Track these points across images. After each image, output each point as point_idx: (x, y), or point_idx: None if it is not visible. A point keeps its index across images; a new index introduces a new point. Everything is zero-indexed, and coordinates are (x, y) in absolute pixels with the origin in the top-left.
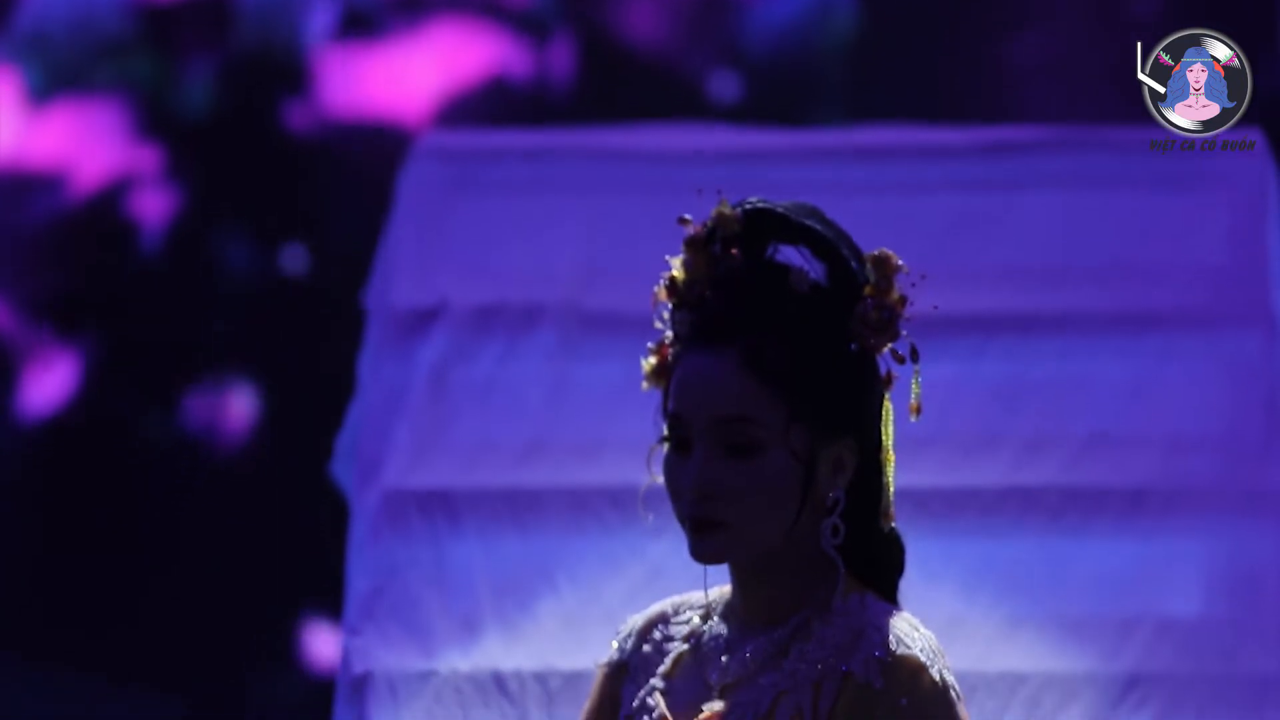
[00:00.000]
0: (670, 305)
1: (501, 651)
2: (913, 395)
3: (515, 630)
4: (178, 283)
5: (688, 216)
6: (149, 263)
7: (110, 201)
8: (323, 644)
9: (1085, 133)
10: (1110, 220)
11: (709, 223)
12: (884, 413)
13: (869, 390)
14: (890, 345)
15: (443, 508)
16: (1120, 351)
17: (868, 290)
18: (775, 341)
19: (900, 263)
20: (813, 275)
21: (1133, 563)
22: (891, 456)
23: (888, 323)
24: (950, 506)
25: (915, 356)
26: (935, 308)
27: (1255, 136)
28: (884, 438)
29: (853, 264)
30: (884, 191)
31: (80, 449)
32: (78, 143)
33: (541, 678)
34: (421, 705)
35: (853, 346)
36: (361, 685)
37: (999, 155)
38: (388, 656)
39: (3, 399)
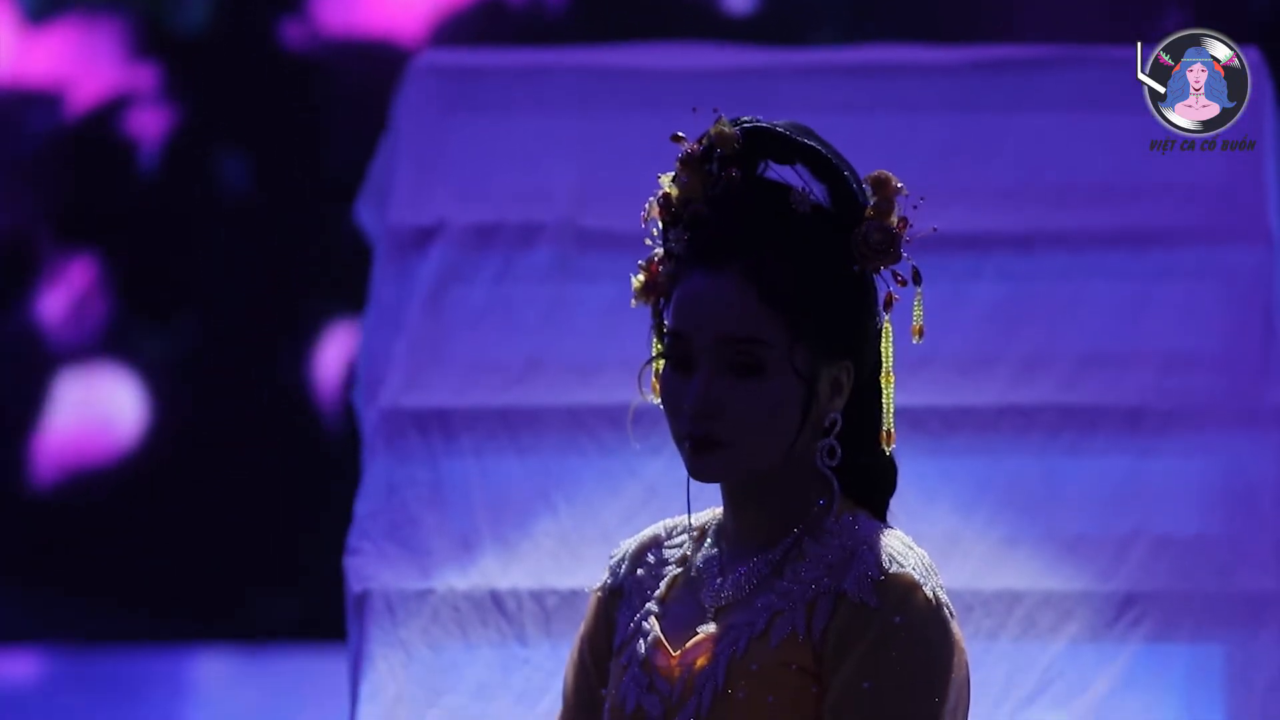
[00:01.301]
0: (662, 223)
1: (498, 570)
2: (915, 318)
3: (512, 549)
4: (175, 200)
5: (682, 134)
6: (146, 180)
7: (108, 120)
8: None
9: (1084, 52)
10: (1108, 139)
11: (706, 140)
12: (884, 335)
13: (868, 312)
14: (891, 267)
15: (440, 427)
16: (1117, 270)
17: (868, 212)
18: (777, 262)
19: (900, 184)
20: (812, 196)
21: (1129, 481)
22: (892, 379)
23: (889, 245)
24: (947, 425)
25: (917, 279)
26: (934, 230)
27: (1252, 54)
28: (885, 360)
29: (853, 185)
30: (882, 110)
31: (79, 365)
32: (76, 62)
33: (538, 596)
34: (419, 624)
35: (854, 268)
36: (360, 604)
37: (998, 74)
38: (386, 575)
39: (5, 312)
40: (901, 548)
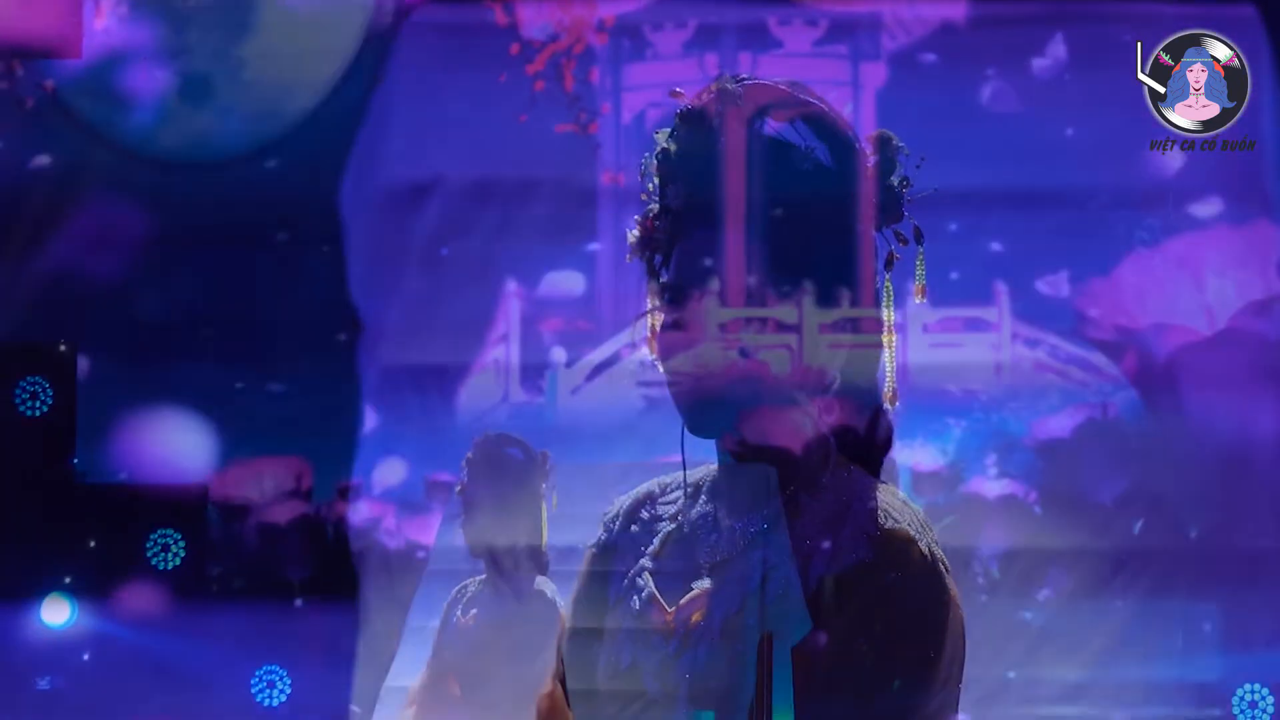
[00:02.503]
0: (659, 178)
1: (495, 528)
2: (917, 277)
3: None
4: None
5: (680, 89)
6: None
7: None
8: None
9: (1082, 10)
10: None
11: (707, 96)
12: (886, 294)
13: (870, 271)
14: (893, 226)
15: (436, 384)
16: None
17: (870, 171)
18: (780, 219)
19: (900, 144)
20: (814, 154)
21: (1128, 439)
22: (894, 338)
23: (892, 204)
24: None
25: (920, 238)
26: (935, 190)
27: (1248, 11)
28: (887, 319)
29: (854, 144)
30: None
31: (73, 318)
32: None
33: (534, 554)
34: (415, 582)
35: (857, 227)
36: (358, 563)
37: (996, 31)
38: (382, 534)
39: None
40: (896, 503)
